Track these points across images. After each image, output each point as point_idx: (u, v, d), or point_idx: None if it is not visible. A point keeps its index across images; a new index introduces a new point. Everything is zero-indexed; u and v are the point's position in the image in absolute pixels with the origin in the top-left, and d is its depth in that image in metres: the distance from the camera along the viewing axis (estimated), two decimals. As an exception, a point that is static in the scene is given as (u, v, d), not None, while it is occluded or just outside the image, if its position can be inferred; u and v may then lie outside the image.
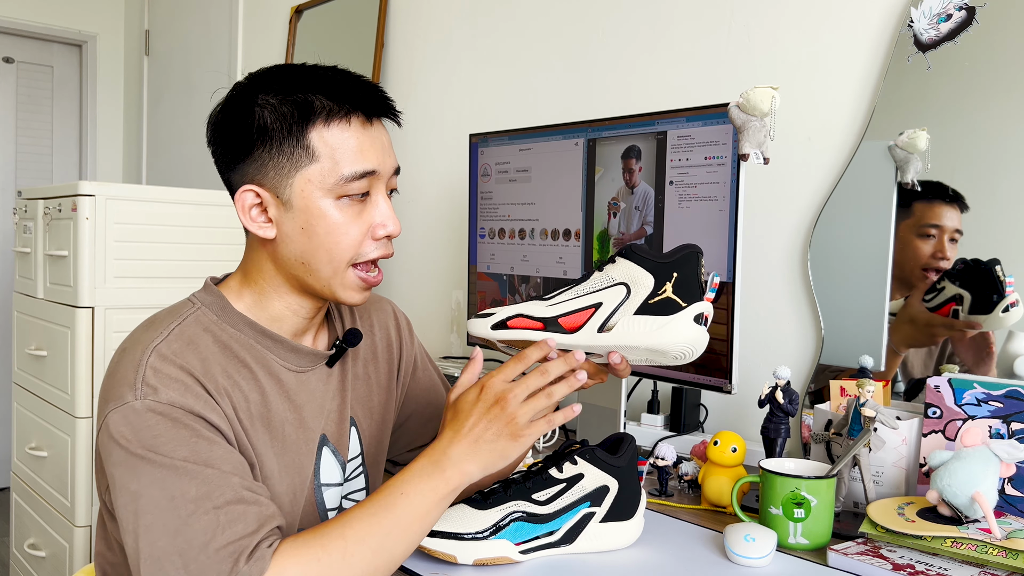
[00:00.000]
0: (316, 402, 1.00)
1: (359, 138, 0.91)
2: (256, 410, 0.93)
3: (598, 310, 0.92)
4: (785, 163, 1.52)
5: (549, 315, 0.93)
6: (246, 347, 0.94)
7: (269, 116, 0.90)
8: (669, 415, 1.59)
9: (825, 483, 1.02)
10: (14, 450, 2.44)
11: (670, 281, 0.92)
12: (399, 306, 1.22)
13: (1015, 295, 1.24)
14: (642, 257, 0.93)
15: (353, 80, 0.94)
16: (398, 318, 1.18)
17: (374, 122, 0.93)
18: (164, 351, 0.88)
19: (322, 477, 1.00)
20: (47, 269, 2.21)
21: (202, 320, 0.93)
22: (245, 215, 0.93)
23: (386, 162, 0.94)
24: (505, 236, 1.63)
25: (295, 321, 0.98)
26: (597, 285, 0.94)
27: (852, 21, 1.46)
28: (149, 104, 3.76)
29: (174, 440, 0.82)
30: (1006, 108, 1.28)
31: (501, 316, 0.94)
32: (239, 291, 0.97)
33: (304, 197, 0.91)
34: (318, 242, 0.91)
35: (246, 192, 0.92)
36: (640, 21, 1.79)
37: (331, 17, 2.69)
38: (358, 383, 1.07)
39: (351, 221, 0.92)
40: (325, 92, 0.91)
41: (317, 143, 0.90)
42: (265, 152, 0.91)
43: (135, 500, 0.81)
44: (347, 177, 0.90)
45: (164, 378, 0.85)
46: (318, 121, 0.90)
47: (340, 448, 1.02)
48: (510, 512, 0.97)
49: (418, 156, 2.35)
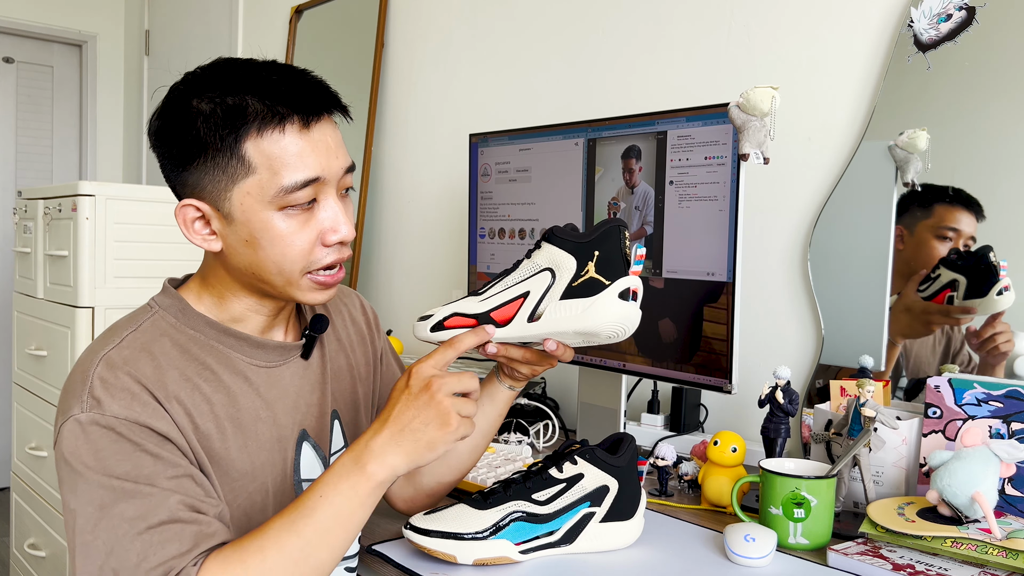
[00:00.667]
0: (291, 397, 0.97)
1: (297, 144, 0.84)
2: (223, 411, 0.90)
3: (526, 299, 0.91)
4: (785, 163, 1.52)
5: (481, 311, 0.92)
6: (207, 348, 0.92)
7: (202, 127, 0.84)
8: (669, 415, 1.59)
9: (825, 483, 1.02)
10: (14, 450, 2.44)
11: (592, 260, 0.90)
12: (399, 306, 1.21)
13: (1007, 279, 1.25)
14: (563, 239, 0.92)
15: (288, 79, 0.86)
16: (366, 310, 1.16)
17: (313, 124, 0.86)
18: (114, 359, 0.85)
19: (302, 472, 0.98)
20: (47, 269, 2.21)
21: (159, 324, 0.91)
22: (188, 229, 0.90)
23: (332, 165, 0.87)
24: (505, 236, 1.63)
25: (258, 319, 0.95)
26: (524, 274, 0.93)
27: (852, 21, 1.46)
28: (149, 104, 3.77)
29: (115, 455, 0.80)
30: (1006, 108, 1.28)
31: (439, 317, 0.93)
32: (199, 292, 0.95)
33: (244, 211, 0.86)
34: (264, 255, 0.87)
35: (186, 207, 0.89)
36: (640, 21, 1.79)
37: (331, 17, 2.69)
38: (340, 375, 1.05)
39: (298, 230, 0.86)
40: (258, 95, 0.84)
41: (252, 154, 0.84)
42: (201, 164, 0.86)
43: (74, 517, 0.80)
44: (287, 188, 0.84)
45: (111, 388, 0.83)
46: (251, 131, 0.83)
47: (321, 442, 1.00)
48: (510, 512, 0.97)
49: (418, 156, 2.35)
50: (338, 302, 1.11)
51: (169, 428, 0.84)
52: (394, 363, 1.18)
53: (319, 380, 1.01)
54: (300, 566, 0.80)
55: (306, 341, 0.99)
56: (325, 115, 0.88)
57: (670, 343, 1.33)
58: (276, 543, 0.80)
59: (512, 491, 0.98)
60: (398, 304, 2.40)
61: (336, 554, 0.83)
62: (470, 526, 0.96)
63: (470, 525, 0.96)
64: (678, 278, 1.32)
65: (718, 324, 1.26)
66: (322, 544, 0.81)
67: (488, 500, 0.98)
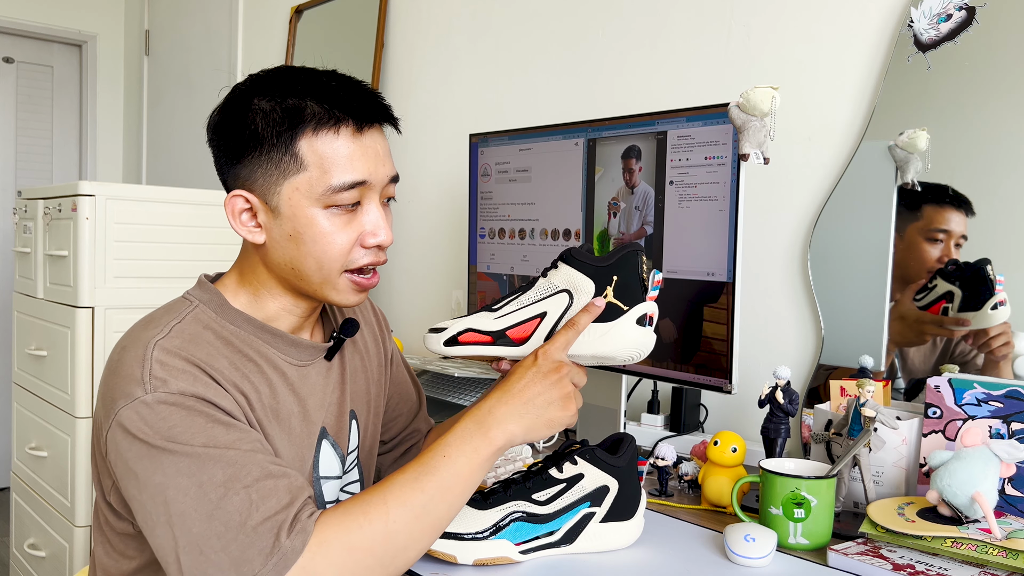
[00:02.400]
0: (318, 395, 1.00)
1: (349, 147, 0.89)
2: (267, 402, 0.93)
3: (543, 320, 0.91)
4: (785, 163, 1.52)
5: (497, 328, 0.92)
6: (247, 342, 0.94)
7: (260, 122, 0.89)
8: (669, 415, 1.59)
9: (825, 483, 1.02)
10: (14, 450, 2.44)
11: (610, 285, 0.91)
12: (400, 306, 1.23)
13: (1003, 294, 1.25)
14: (582, 262, 0.92)
15: (347, 86, 0.92)
16: (377, 313, 1.18)
17: (366, 130, 0.91)
18: (167, 346, 0.87)
19: (321, 470, 1.00)
20: (47, 269, 2.21)
21: (201, 317, 0.93)
22: (235, 220, 0.93)
23: (379, 171, 0.92)
24: (505, 236, 1.63)
25: (290, 320, 0.98)
26: (541, 293, 0.93)
27: (852, 21, 1.46)
28: (149, 104, 3.76)
29: (191, 428, 0.82)
30: (1006, 108, 1.28)
31: (452, 331, 0.92)
32: (235, 289, 0.97)
33: (292, 205, 0.90)
34: (306, 250, 0.90)
35: (236, 197, 0.92)
36: (640, 21, 1.79)
37: (331, 17, 2.69)
38: (357, 376, 1.08)
39: (340, 230, 0.90)
40: (317, 98, 0.89)
41: (306, 152, 0.88)
42: (255, 158, 0.90)
43: (163, 491, 0.80)
44: (335, 187, 0.88)
45: (172, 370, 0.84)
46: (307, 130, 0.88)
47: (340, 441, 1.03)
48: (510, 512, 0.97)
49: (418, 156, 2.35)
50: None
51: (232, 406, 0.86)
52: (402, 365, 1.21)
53: (339, 380, 1.04)
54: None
55: (335, 343, 1.02)
56: (377, 123, 0.93)
57: (670, 343, 1.33)
58: (399, 497, 0.83)
59: (512, 491, 0.98)
60: (398, 304, 2.40)
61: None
62: (470, 526, 0.96)
63: (470, 525, 0.96)
64: (678, 278, 1.32)
65: (718, 324, 1.26)
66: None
67: (488, 500, 0.98)
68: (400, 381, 1.19)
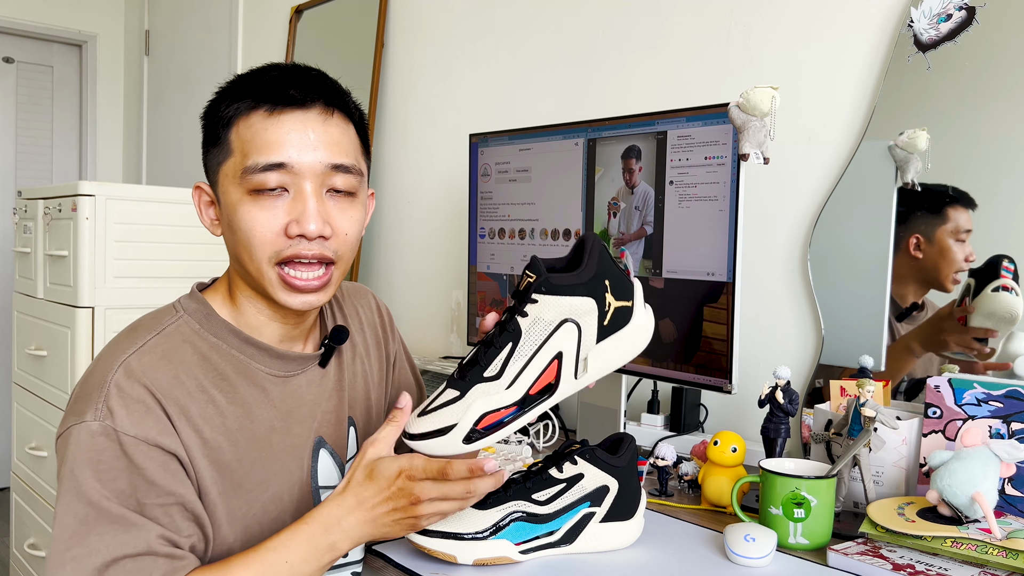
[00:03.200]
0: (307, 406, 0.98)
1: (267, 128, 0.87)
2: (236, 423, 0.91)
3: (563, 360, 0.85)
4: (785, 163, 1.52)
5: (519, 396, 0.84)
6: (227, 357, 0.92)
7: (209, 116, 0.92)
8: (669, 415, 1.59)
9: (825, 483, 1.02)
10: (14, 450, 2.44)
11: (607, 292, 0.87)
12: (400, 306, 1.21)
13: (1008, 280, 1.25)
14: (568, 285, 0.85)
15: (285, 73, 0.90)
16: (381, 311, 1.15)
17: (286, 112, 0.87)
18: (134, 366, 0.86)
19: (320, 480, 0.99)
20: (47, 269, 2.21)
21: (183, 330, 0.92)
22: (200, 211, 0.95)
23: (306, 156, 0.87)
24: (505, 236, 1.63)
25: (276, 328, 0.96)
26: (540, 336, 0.84)
27: (852, 21, 1.46)
28: (149, 104, 3.76)
29: (114, 471, 0.82)
30: (1006, 108, 1.28)
31: (465, 425, 0.82)
32: (224, 297, 0.96)
33: (224, 192, 0.90)
34: (237, 239, 0.90)
35: (197, 189, 0.95)
36: (640, 21, 1.79)
37: (331, 17, 2.69)
38: (356, 381, 1.06)
39: (262, 216, 0.87)
40: (252, 87, 0.89)
41: (233, 137, 0.89)
42: (209, 151, 0.92)
43: (58, 522, 0.81)
44: (250, 169, 0.87)
45: (127, 400, 0.84)
46: (236, 116, 0.89)
47: (338, 449, 1.01)
48: (510, 512, 0.97)
49: (418, 156, 2.35)
50: (352, 304, 1.11)
51: (175, 445, 0.85)
52: (407, 366, 1.19)
53: (336, 388, 1.02)
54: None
55: (324, 351, 1.00)
56: (308, 106, 0.89)
57: (670, 343, 1.33)
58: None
59: (512, 491, 0.98)
60: (398, 304, 2.40)
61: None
62: (470, 526, 0.95)
63: (470, 525, 0.96)
64: (678, 278, 1.32)
65: (718, 324, 1.26)
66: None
67: (488, 500, 0.97)
68: (404, 383, 1.17)
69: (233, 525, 0.90)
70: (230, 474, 0.90)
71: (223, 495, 0.90)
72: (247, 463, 0.91)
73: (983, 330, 1.27)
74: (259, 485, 0.93)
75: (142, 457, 0.83)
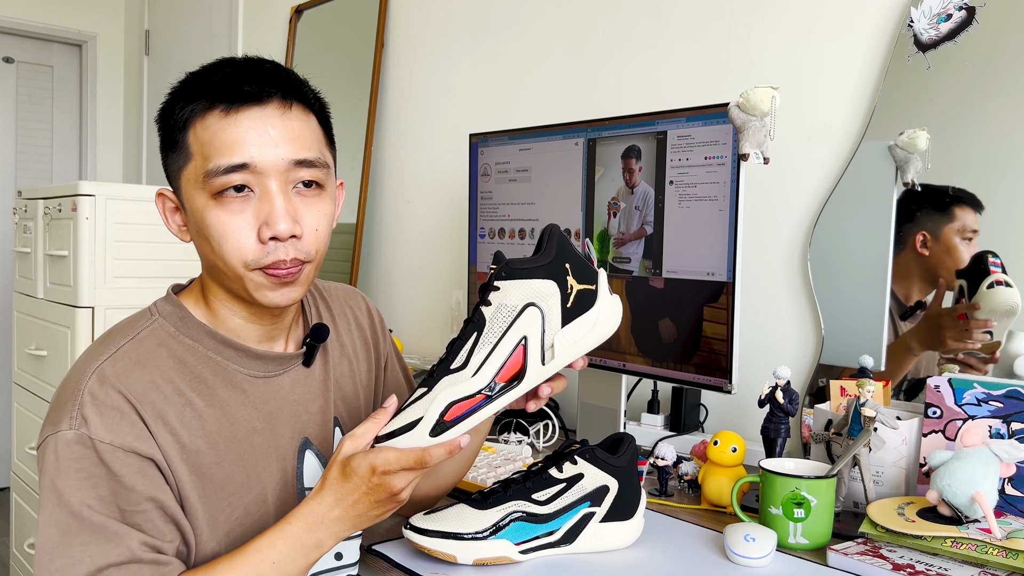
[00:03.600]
0: (290, 407, 0.96)
1: (224, 129, 0.84)
2: (215, 426, 0.89)
3: (528, 344, 0.84)
4: (785, 163, 1.52)
5: (484, 383, 0.83)
6: (204, 360, 0.90)
7: (164, 120, 0.88)
8: (669, 415, 1.59)
9: (825, 483, 1.02)
10: (14, 450, 2.44)
11: (568, 275, 0.86)
12: (400, 306, 1.20)
13: (999, 274, 1.26)
14: (527, 269, 0.85)
15: (240, 69, 0.87)
16: (372, 312, 1.13)
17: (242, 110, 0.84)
18: (107, 372, 0.85)
19: (305, 481, 0.97)
20: (47, 269, 2.21)
21: (158, 334, 0.90)
22: (165, 218, 0.92)
23: (267, 154, 0.84)
24: (505, 236, 1.63)
25: (254, 329, 0.94)
26: (504, 322, 0.83)
27: (852, 21, 1.46)
28: (149, 104, 3.76)
29: (91, 479, 0.81)
30: (1006, 108, 1.28)
31: (431, 418, 0.81)
32: (197, 299, 0.94)
33: (188, 199, 0.87)
34: (209, 246, 0.86)
35: (160, 196, 0.91)
36: (640, 21, 1.79)
37: (331, 17, 2.69)
38: (343, 381, 1.04)
39: (231, 220, 0.84)
40: (207, 86, 0.85)
41: (190, 141, 0.85)
42: (168, 155, 0.89)
43: (40, 533, 0.81)
44: (211, 172, 0.83)
45: (101, 406, 0.83)
46: (195, 119, 0.85)
47: (324, 450, 0.99)
48: (510, 512, 0.97)
49: (418, 156, 2.35)
50: (342, 304, 1.09)
51: (152, 450, 0.84)
52: (398, 368, 1.16)
53: (321, 387, 1.00)
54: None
55: (307, 350, 0.98)
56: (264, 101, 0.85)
57: (670, 343, 1.33)
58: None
59: (512, 491, 0.98)
60: (398, 304, 2.40)
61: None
62: (470, 526, 0.95)
63: (470, 525, 0.96)
64: (678, 278, 1.32)
65: (718, 324, 1.26)
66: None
67: (488, 500, 0.97)
68: (395, 385, 1.14)
69: (215, 530, 0.89)
70: (210, 478, 0.88)
71: (203, 499, 0.88)
72: (228, 466, 0.90)
73: (983, 322, 1.28)
74: (241, 488, 0.91)
75: (119, 464, 0.82)
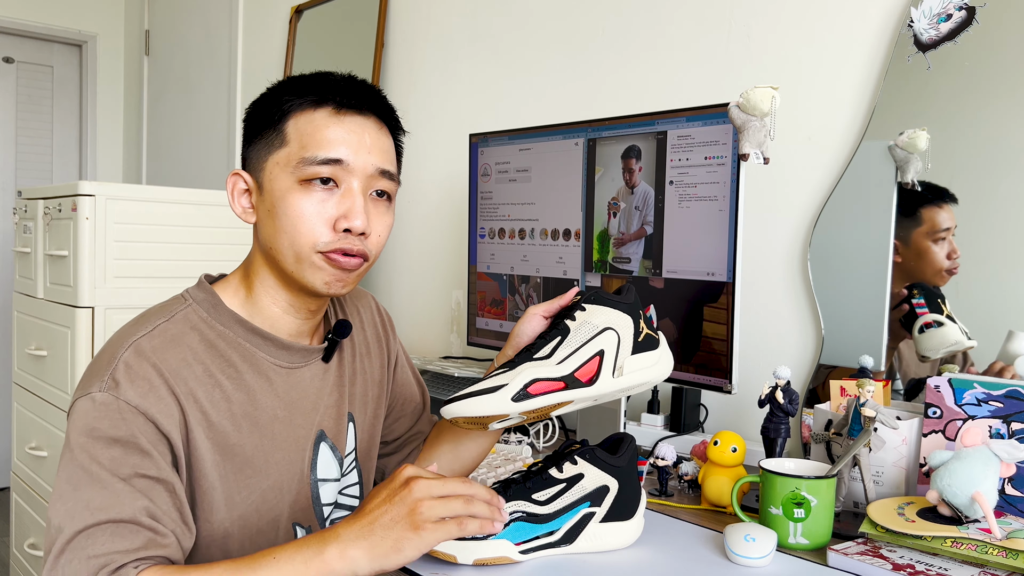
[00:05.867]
0: (310, 398, 1.00)
1: (327, 125, 0.92)
2: (240, 409, 0.93)
3: (603, 358, 0.95)
4: (785, 163, 1.52)
5: (566, 372, 0.94)
6: (234, 345, 0.95)
7: (265, 106, 0.95)
8: (669, 415, 1.59)
9: (825, 483, 1.02)
10: (14, 450, 2.44)
11: (642, 319, 1.00)
12: (400, 306, 1.23)
13: (926, 315, 1.29)
14: (613, 302, 0.98)
15: (344, 78, 0.96)
16: (382, 313, 1.19)
17: (347, 113, 0.93)
18: (144, 346, 0.89)
19: (319, 472, 1.01)
20: (47, 269, 2.21)
21: (191, 317, 0.94)
22: (233, 199, 0.97)
23: (360, 157, 0.93)
24: (505, 236, 1.63)
25: (289, 321, 0.99)
26: (587, 334, 0.96)
27: (852, 21, 1.46)
28: (149, 104, 3.76)
29: (109, 437, 0.84)
30: (1006, 108, 1.28)
31: (517, 386, 0.92)
32: (235, 289, 0.99)
33: (271, 179, 0.93)
34: (279, 226, 0.92)
35: (235, 176, 0.98)
36: (640, 21, 1.79)
37: (331, 17, 2.69)
38: (356, 378, 1.08)
39: (311, 207, 0.91)
40: (319, 87, 0.94)
41: (290, 129, 0.93)
42: (257, 140, 0.95)
43: (55, 485, 0.84)
44: (307, 160, 0.91)
45: (133, 374, 0.86)
46: (296, 110, 0.93)
47: (338, 443, 1.04)
48: (510, 512, 0.97)
49: (418, 156, 2.35)
50: (353, 304, 1.14)
51: (172, 429, 0.87)
52: (407, 368, 1.21)
53: (337, 382, 1.04)
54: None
55: (328, 344, 1.02)
56: (366, 113, 0.95)
57: (670, 343, 1.33)
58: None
59: (512, 491, 0.98)
60: (398, 304, 2.40)
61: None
62: (470, 526, 0.96)
63: (470, 525, 0.96)
64: (678, 278, 1.32)
65: (718, 324, 1.26)
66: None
67: (488, 500, 0.98)
68: (404, 383, 1.19)
69: (231, 510, 0.92)
70: (232, 458, 0.92)
71: (223, 479, 0.91)
72: (249, 449, 0.94)
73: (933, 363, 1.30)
74: (259, 472, 0.94)
75: (139, 427, 0.85)
